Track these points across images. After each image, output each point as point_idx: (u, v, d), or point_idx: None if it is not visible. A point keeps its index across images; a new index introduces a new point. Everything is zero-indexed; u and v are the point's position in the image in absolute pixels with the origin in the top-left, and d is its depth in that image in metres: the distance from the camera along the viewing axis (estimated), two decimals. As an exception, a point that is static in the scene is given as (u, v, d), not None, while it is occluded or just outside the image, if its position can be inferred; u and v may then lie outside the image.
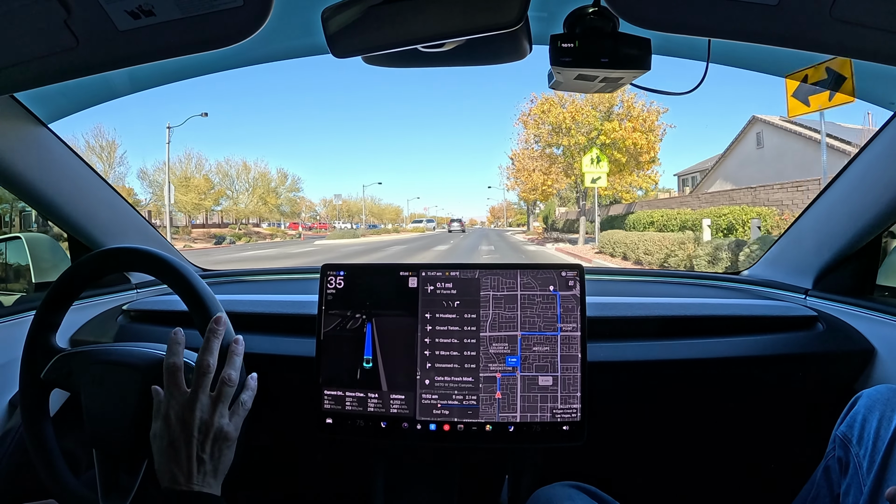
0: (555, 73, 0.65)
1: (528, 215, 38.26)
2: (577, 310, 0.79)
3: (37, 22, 0.57)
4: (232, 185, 29.36)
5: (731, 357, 0.93)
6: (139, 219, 1.23)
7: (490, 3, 0.55)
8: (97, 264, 0.70)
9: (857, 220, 0.94)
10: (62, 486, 0.67)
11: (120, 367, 0.66)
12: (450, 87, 61.69)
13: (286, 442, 1.05)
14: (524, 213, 40.19)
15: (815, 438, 0.83)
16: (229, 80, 50.33)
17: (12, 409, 0.91)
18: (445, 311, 0.80)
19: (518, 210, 45.60)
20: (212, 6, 0.54)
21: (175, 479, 0.56)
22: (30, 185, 0.95)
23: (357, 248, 16.24)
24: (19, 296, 1.17)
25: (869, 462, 0.66)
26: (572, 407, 0.77)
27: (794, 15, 0.53)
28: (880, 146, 0.88)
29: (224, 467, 0.60)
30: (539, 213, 30.77)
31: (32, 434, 0.69)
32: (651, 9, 0.54)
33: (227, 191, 28.88)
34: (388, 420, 0.79)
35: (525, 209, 39.85)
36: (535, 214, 32.61)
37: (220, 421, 0.60)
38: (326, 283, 0.83)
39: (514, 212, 48.60)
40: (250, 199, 29.72)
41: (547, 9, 0.79)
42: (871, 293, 1.02)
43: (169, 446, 0.58)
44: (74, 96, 1.01)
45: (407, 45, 0.60)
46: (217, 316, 0.64)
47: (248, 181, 30.03)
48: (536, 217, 32.30)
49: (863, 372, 0.94)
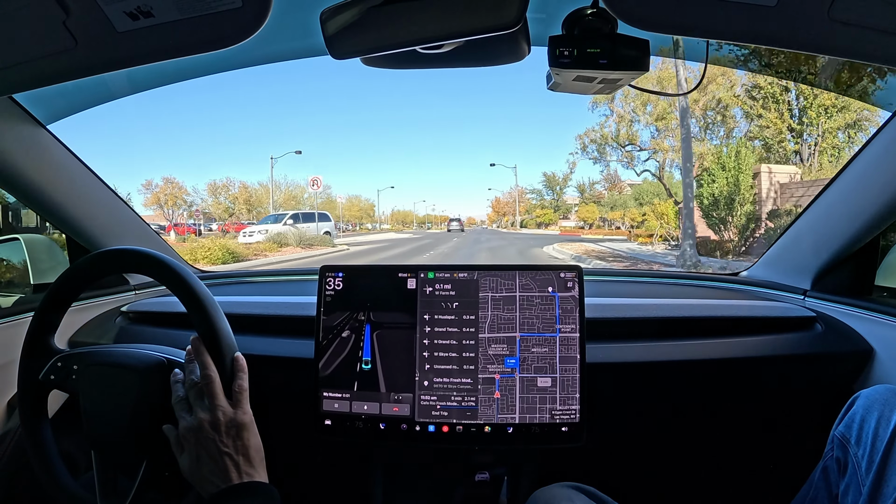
0: (553, 75, 0.65)
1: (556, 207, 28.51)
2: (576, 311, 0.79)
3: (35, 23, 0.57)
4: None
5: (729, 358, 0.93)
6: (137, 220, 1.23)
7: (489, 4, 0.55)
8: (96, 266, 0.70)
9: (856, 221, 0.94)
10: (61, 487, 0.67)
11: (119, 368, 0.66)
12: (449, 87, 61.08)
13: (285, 443, 1.05)
14: (548, 205, 29.72)
15: (813, 439, 0.83)
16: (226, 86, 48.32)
17: (11, 411, 0.90)
18: (444, 313, 0.80)
19: (538, 201, 30.96)
20: (210, 7, 0.54)
21: (214, 483, 0.56)
22: (28, 186, 0.95)
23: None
24: (18, 297, 1.17)
25: (867, 462, 0.66)
26: (571, 408, 0.77)
27: (793, 16, 0.53)
28: (879, 147, 0.88)
29: (256, 453, 0.60)
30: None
31: (31, 435, 0.68)
32: (649, 10, 0.54)
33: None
34: (387, 421, 0.79)
35: (550, 199, 29.65)
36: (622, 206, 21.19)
37: (225, 412, 0.60)
38: (325, 284, 0.83)
39: (526, 206, 32.05)
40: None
41: (545, 10, 0.79)
42: (870, 294, 1.02)
43: (196, 461, 0.58)
44: (73, 98, 1.01)
45: (406, 46, 0.60)
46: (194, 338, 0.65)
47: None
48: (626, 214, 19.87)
49: (861, 372, 0.94)
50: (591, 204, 25.03)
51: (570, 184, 28.88)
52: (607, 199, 23.58)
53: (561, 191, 29.67)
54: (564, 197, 29.61)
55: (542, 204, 30.88)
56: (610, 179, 23.31)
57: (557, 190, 29.74)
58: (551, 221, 29.11)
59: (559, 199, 29.78)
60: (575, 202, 28.21)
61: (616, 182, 23.15)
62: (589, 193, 25.96)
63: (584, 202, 26.01)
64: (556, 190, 29.85)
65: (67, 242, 1.15)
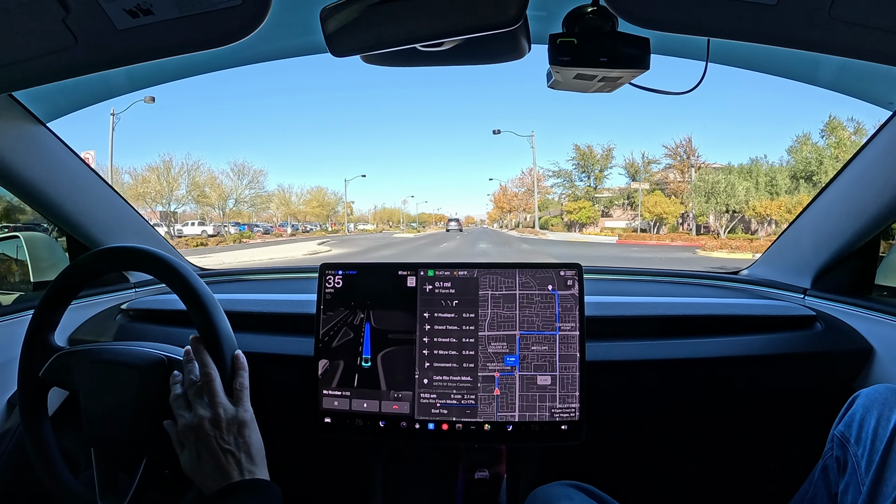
0: (553, 73, 0.65)
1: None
2: (576, 309, 0.79)
3: (35, 20, 0.57)
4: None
5: (729, 356, 0.93)
6: (138, 218, 1.23)
7: (489, 1, 0.55)
8: (96, 263, 0.70)
9: (856, 220, 0.94)
10: (61, 485, 0.67)
11: (118, 366, 0.66)
12: (447, 86, 60.35)
13: (285, 441, 1.05)
14: (582, 194, 19.01)
15: (812, 437, 0.83)
16: (224, 81, 46.32)
17: (11, 409, 0.90)
18: (444, 311, 0.80)
19: (568, 188, 19.74)
20: (210, 5, 0.54)
21: (215, 480, 0.56)
22: (28, 184, 0.94)
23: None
24: (18, 295, 1.17)
25: (867, 461, 0.66)
26: (571, 406, 0.77)
27: (793, 15, 0.53)
28: (879, 146, 0.88)
29: (258, 451, 0.60)
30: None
31: (31, 433, 0.69)
32: (650, 8, 0.54)
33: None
34: (387, 419, 0.79)
35: (585, 187, 18.94)
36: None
37: (226, 409, 0.60)
38: (325, 282, 0.83)
39: (541, 198, 21.33)
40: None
41: (546, 8, 0.79)
42: (870, 293, 1.02)
43: (197, 458, 0.58)
44: (73, 95, 1.01)
45: (405, 44, 0.60)
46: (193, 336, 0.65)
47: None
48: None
49: (861, 371, 0.94)
50: (655, 192, 16.73)
51: (611, 165, 18.88)
52: (696, 182, 14.49)
53: (601, 172, 19.63)
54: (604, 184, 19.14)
55: (573, 193, 19.68)
56: (680, 153, 14.38)
57: (597, 172, 19.59)
58: (589, 220, 18.82)
59: (598, 184, 19.20)
60: (630, 191, 18.17)
61: (689, 158, 14.59)
62: (646, 177, 17.36)
63: (649, 192, 17.17)
64: (593, 173, 19.54)
65: (67, 240, 1.15)
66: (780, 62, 0.99)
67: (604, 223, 18.50)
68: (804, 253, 1.09)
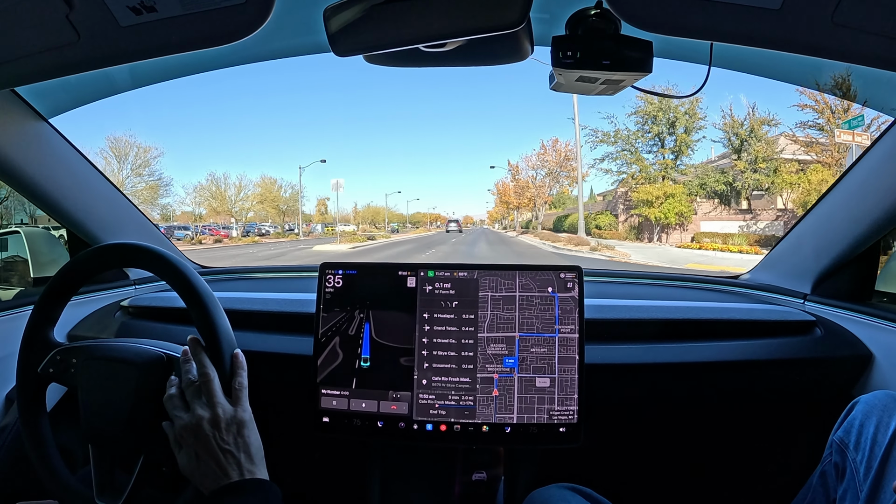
0: (556, 75, 0.65)
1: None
2: (576, 311, 0.78)
3: (38, 17, 0.57)
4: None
5: (728, 361, 0.93)
6: (138, 215, 1.23)
7: (492, 3, 0.55)
8: (96, 260, 0.70)
9: (857, 226, 0.94)
10: (58, 481, 0.67)
11: (118, 363, 0.66)
12: (447, 86, 60.07)
13: (283, 440, 1.05)
14: (653, 173, 10.86)
15: (811, 443, 0.83)
16: (219, 81, 44.48)
17: (9, 404, 0.91)
18: (444, 312, 0.80)
19: (626, 161, 10.84)
20: (214, 3, 0.54)
21: (214, 480, 0.56)
22: (30, 179, 0.95)
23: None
24: (18, 290, 1.17)
25: (866, 468, 0.66)
26: (569, 408, 0.77)
27: (797, 19, 0.53)
28: (881, 152, 0.88)
29: (257, 451, 0.60)
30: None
31: (29, 429, 0.68)
32: (653, 11, 0.54)
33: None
34: (385, 419, 0.79)
35: (658, 159, 10.69)
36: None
37: (225, 409, 0.60)
38: (325, 281, 0.83)
39: (548, 192, 15.69)
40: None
41: (549, 10, 0.79)
42: (870, 299, 1.02)
43: (195, 458, 0.58)
44: (75, 91, 1.01)
45: (409, 44, 0.60)
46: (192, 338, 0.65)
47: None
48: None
49: (860, 377, 0.94)
50: (815, 167, 9.61)
51: (697, 125, 11.01)
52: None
53: (687, 134, 11.53)
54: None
55: (644, 174, 11.64)
56: (832, 106, 8.44)
57: (680, 133, 11.44)
58: (679, 220, 10.91)
59: (682, 156, 11.27)
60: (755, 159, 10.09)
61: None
62: (759, 145, 10.07)
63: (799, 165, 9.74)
64: (676, 134, 11.42)
65: (68, 236, 1.15)
66: (782, 67, 0.99)
67: (699, 225, 10.75)
68: (804, 258, 1.09)
